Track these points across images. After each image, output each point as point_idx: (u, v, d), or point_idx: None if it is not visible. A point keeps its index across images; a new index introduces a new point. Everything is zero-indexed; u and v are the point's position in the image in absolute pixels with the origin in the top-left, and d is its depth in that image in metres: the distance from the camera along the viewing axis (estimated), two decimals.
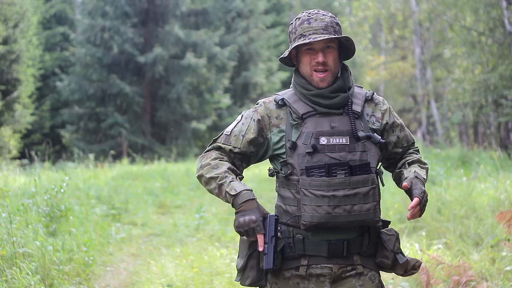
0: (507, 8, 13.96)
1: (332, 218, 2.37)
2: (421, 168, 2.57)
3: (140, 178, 13.24)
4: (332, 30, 2.45)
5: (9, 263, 4.62)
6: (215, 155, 2.50)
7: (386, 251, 2.49)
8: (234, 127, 2.53)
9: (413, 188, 2.45)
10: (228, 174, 2.42)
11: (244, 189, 2.38)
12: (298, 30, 2.46)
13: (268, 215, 2.37)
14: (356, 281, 2.46)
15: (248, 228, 2.33)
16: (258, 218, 2.34)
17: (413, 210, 2.40)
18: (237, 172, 2.48)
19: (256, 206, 2.36)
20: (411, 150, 2.67)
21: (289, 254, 2.46)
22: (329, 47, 2.45)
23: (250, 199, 2.36)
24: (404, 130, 2.62)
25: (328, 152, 2.40)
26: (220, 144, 2.52)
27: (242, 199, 2.36)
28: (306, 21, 2.46)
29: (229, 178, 2.41)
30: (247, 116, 2.54)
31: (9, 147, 17.56)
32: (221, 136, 2.54)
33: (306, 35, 2.43)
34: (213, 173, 2.43)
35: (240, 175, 2.50)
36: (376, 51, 28.09)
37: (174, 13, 22.28)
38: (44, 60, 23.49)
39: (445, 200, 6.66)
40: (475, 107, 16.44)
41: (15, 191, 7.22)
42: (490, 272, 4.60)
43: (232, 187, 2.39)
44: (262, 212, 2.37)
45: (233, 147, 2.50)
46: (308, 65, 2.47)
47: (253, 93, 25.53)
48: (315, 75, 2.46)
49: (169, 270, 5.48)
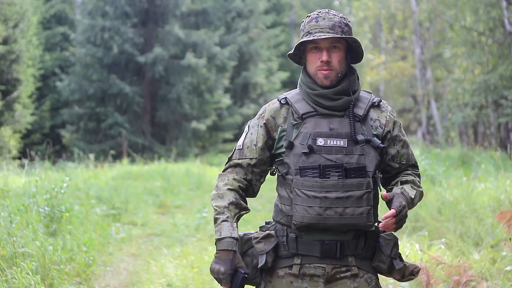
0: (507, 8, 13.96)
1: (323, 220, 2.36)
2: (412, 188, 2.50)
3: (140, 178, 13.24)
4: (339, 30, 2.43)
5: (9, 263, 4.62)
6: (229, 178, 2.50)
7: (383, 256, 2.47)
8: (244, 139, 2.53)
9: (394, 201, 2.40)
10: (226, 210, 2.42)
11: (228, 237, 2.38)
12: (306, 27, 2.47)
13: (238, 271, 2.38)
14: (351, 282, 2.44)
15: (216, 276, 2.38)
16: (226, 271, 2.36)
17: (387, 221, 2.34)
18: (241, 206, 2.47)
19: (230, 258, 2.37)
20: (410, 171, 2.59)
21: (283, 252, 2.46)
22: (335, 47, 2.44)
23: (228, 249, 2.37)
24: (407, 148, 2.56)
25: (324, 153, 2.39)
26: (236, 160, 2.52)
27: (221, 246, 2.38)
28: (314, 19, 2.46)
29: (224, 216, 2.41)
30: (254, 125, 2.54)
31: (9, 147, 17.56)
32: (234, 152, 2.54)
33: (312, 33, 2.43)
34: (216, 203, 2.45)
35: (244, 209, 2.48)
36: (376, 51, 28.09)
37: (174, 13, 22.27)
38: (44, 60, 23.48)
39: (445, 200, 6.66)
40: (475, 107, 16.45)
41: (15, 191, 7.22)
42: (490, 272, 4.60)
43: (220, 229, 2.40)
44: (234, 264, 2.37)
45: (249, 159, 2.50)
46: (313, 64, 2.46)
47: (253, 93, 25.52)
48: (320, 73, 2.45)
49: (169, 270, 5.48)
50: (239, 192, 2.48)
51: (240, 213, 2.46)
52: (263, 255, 2.43)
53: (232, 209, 2.44)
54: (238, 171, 2.51)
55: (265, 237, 2.45)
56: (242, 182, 2.50)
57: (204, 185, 12.82)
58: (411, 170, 2.59)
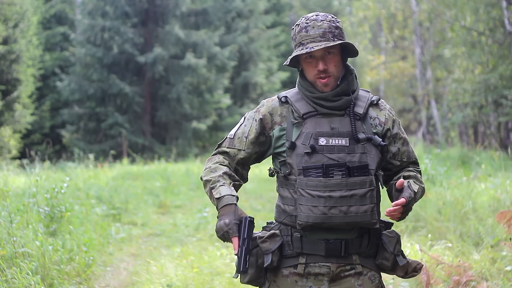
0: (507, 8, 13.96)
1: (328, 219, 2.37)
2: (415, 183, 2.50)
3: (140, 178, 13.23)
4: (330, 36, 2.43)
5: (9, 263, 4.62)
6: (218, 159, 2.53)
7: (386, 253, 2.48)
8: (237, 129, 2.56)
9: (404, 191, 2.41)
10: (221, 178, 2.44)
11: (228, 194, 2.39)
12: (297, 38, 2.46)
13: (243, 218, 2.38)
14: (355, 280, 2.46)
15: (222, 231, 2.35)
16: (231, 221, 2.35)
17: (396, 208, 2.35)
18: (234, 178, 2.49)
19: (233, 210, 2.37)
20: (411, 168, 2.60)
21: (287, 252, 2.47)
22: (330, 53, 2.45)
23: (229, 203, 2.38)
24: (407, 146, 2.58)
25: (327, 153, 2.41)
26: (224, 148, 2.55)
27: (222, 203, 2.38)
28: (304, 29, 2.45)
29: (220, 183, 2.43)
30: (249, 117, 2.56)
31: (9, 147, 17.56)
32: (225, 140, 2.57)
33: (304, 43, 2.43)
34: (209, 176, 2.46)
35: (238, 181, 2.50)
36: (376, 51, 28.08)
37: (174, 13, 22.27)
38: (44, 60, 23.47)
39: (445, 200, 6.66)
40: (475, 107, 16.44)
41: (15, 191, 7.22)
42: (490, 272, 4.60)
43: (219, 191, 2.41)
44: (238, 215, 2.37)
45: (238, 150, 2.52)
46: (311, 73, 2.47)
47: (253, 93, 25.53)
48: (318, 81, 2.46)
49: (169, 270, 5.48)
50: (230, 168, 2.51)
51: (234, 183, 2.48)
52: (268, 254, 2.43)
53: (227, 178, 2.46)
54: (225, 157, 2.54)
55: (270, 237, 2.46)
56: (230, 165, 2.53)
57: None
58: (412, 167, 2.61)
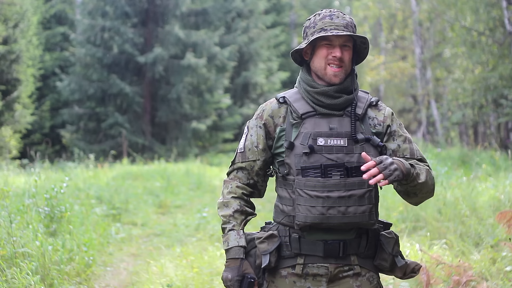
0: (507, 8, 13.95)
1: (326, 219, 2.37)
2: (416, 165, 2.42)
3: (140, 178, 13.23)
4: (351, 30, 2.46)
5: (9, 263, 4.62)
6: (232, 185, 2.54)
7: (385, 254, 2.48)
8: (245, 142, 2.55)
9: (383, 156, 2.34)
10: (232, 219, 2.48)
11: (236, 246, 2.44)
12: (319, 24, 2.45)
13: (245, 276, 2.43)
14: (354, 281, 2.46)
15: (225, 284, 2.44)
16: (234, 278, 2.42)
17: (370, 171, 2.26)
18: (246, 212, 2.52)
19: (238, 265, 2.43)
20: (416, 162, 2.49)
21: (286, 253, 2.47)
22: (346, 46, 2.45)
23: (235, 257, 2.43)
24: (409, 143, 2.49)
25: (325, 153, 2.40)
26: (239, 164, 2.55)
27: (229, 255, 2.46)
28: (328, 17, 2.45)
29: (230, 225, 2.48)
30: (253, 125, 2.55)
31: (9, 147, 17.55)
32: (236, 156, 2.56)
33: (327, 29, 2.42)
34: (222, 213, 2.51)
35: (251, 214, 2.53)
36: (376, 51, 28.08)
37: (174, 13, 22.26)
38: (44, 60, 23.46)
39: (445, 200, 6.66)
40: (475, 107, 16.44)
41: (15, 191, 7.22)
42: (490, 272, 4.60)
43: (227, 239, 2.47)
44: (242, 271, 2.43)
45: (253, 161, 2.53)
46: (323, 59, 2.45)
47: (253, 93, 25.52)
48: (330, 68, 2.44)
49: (169, 270, 5.48)
50: (243, 199, 2.53)
51: (246, 219, 2.51)
52: (266, 255, 2.44)
53: (238, 216, 2.49)
54: (241, 176, 2.54)
55: (268, 237, 2.46)
56: (245, 189, 2.53)
57: (204, 185, 12.81)
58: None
